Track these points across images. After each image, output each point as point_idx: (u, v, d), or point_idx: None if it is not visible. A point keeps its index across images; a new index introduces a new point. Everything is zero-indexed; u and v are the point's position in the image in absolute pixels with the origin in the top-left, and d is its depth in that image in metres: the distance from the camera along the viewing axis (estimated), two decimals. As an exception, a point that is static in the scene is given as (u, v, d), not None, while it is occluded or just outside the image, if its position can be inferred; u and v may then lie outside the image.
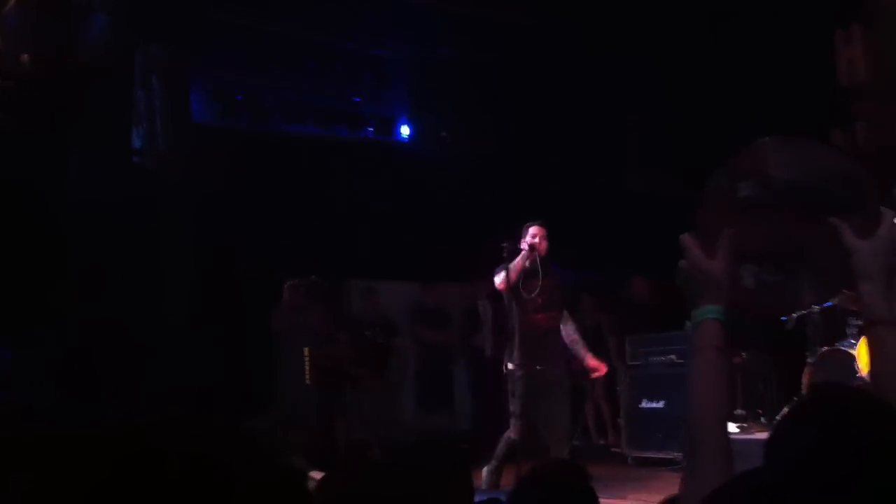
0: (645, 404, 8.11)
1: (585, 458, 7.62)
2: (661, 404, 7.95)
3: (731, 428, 6.84)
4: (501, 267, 6.51)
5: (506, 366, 6.59)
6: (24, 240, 6.73)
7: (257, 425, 6.65)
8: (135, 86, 7.96)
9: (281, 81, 9.83)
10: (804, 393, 6.54)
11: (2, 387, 6.16)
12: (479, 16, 9.51)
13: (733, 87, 8.59)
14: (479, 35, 9.78)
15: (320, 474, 1.81)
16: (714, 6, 8.55)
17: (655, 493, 5.85)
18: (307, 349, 7.94)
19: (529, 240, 6.59)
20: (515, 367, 6.51)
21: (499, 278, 6.56)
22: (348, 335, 8.46)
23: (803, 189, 1.65)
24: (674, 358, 7.86)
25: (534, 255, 6.53)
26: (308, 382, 7.93)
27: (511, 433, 6.49)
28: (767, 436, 1.28)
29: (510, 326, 6.63)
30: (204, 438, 1.08)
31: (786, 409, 1.94)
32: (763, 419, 7.50)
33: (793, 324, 6.87)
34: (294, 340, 8.00)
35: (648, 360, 8.19)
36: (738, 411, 7.47)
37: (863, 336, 5.95)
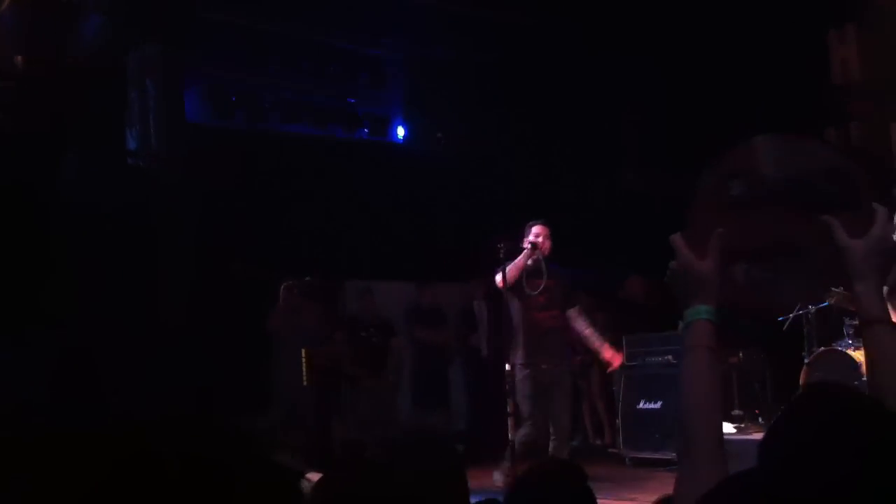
0: (642, 404, 8.08)
1: (582, 457, 7.61)
2: (658, 405, 7.93)
3: (728, 428, 6.85)
4: (503, 266, 6.43)
5: (512, 365, 6.53)
6: (21, 240, 6.72)
7: (255, 425, 6.65)
8: (128, 87, 7.95)
9: (276, 81, 9.79)
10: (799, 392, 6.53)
11: (1, 387, 6.14)
12: (476, 16, 9.50)
13: (731, 87, 8.59)
14: (475, 35, 9.77)
15: (317, 475, 1.81)
16: (712, 6, 8.55)
17: (652, 494, 5.83)
18: (304, 349, 7.95)
19: (532, 238, 6.55)
20: (521, 366, 6.49)
21: (500, 277, 6.47)
22: (345, 335, 8.47)
23: (796, 187, 1.63)
24: (671, 358, 7.83)
25: (536, 253, 6.50)
26: (305, 383, 7.93)
27: (516, 433, 6.35)
28: (762, 435, 1.28)
29: (514, 325, 6.60)
30: (202, 439, 1.08)
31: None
32: (760, 419, 7.49)
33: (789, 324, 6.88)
34: (291, 341, 8.00)
35: (645, 360, 8.17)
36: (735, 411, 7.44)
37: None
